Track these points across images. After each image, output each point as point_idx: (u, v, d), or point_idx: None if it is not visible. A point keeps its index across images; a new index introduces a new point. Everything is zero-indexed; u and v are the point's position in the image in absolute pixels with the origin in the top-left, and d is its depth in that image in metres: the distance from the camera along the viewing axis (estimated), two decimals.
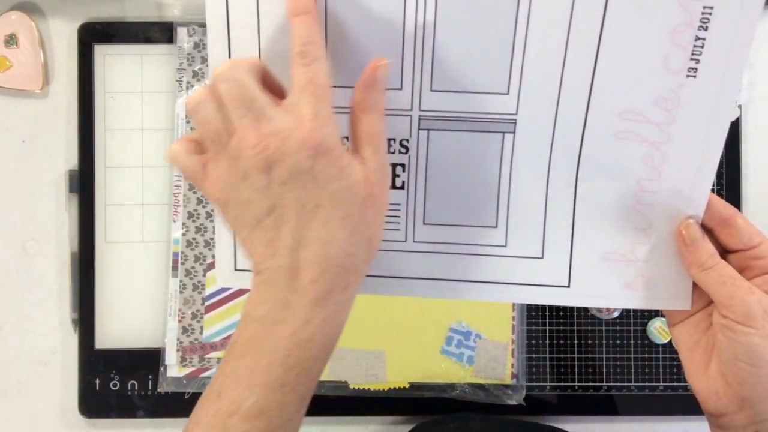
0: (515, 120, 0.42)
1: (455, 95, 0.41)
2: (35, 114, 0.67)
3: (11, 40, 0.65)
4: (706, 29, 0.39)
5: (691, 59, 0.39)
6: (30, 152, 0.67)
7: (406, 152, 0.43)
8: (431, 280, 0.44)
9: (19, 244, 0.67)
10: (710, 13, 0.38)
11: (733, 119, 0.66)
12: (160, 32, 0.66)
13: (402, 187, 0.44)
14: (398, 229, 0.44)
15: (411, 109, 0.42)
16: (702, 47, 0.39)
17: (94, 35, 0.66)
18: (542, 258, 0.44)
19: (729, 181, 0.66)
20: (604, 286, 0.44)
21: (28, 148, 0.67)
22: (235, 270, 0.46)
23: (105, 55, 0.66)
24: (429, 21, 0.39)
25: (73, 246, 0.66)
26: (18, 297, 0.67)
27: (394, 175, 0.43)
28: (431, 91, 0.42)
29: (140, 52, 0.66)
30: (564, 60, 0.40)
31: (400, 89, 0.42)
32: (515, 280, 0.44)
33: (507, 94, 0.41)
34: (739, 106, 0.66)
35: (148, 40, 0.66)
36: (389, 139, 0.42)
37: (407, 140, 0.43)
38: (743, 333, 0.41)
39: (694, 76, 0.40)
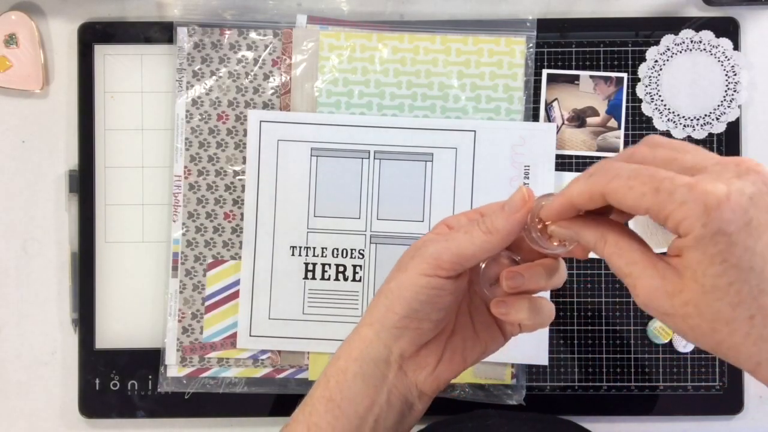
0: None
1: (392, 222, 0.65)
2: (35, 114, 0.67)
3: (11, 40, 0.65)
4: (528, 178, 0.64)
5: None
6: (30, 152, 0.67)
7: (362, 258, 0.64)
8: None
9: (19, 244, 0.67)
10: (529, 169, 0.64)
11: (733, 119, 0.66)
12: (160, 32, 0.66)
13: (359, 281, 0.65)
14: (357, 308, 0.65)
15: (365, 231, 0.64)
16: None
17: (94, 35, 0.66)
18: None
19: None
20: None
21: (28, 148, 0.67)
22: (251, 336, 0.64)
23: (105, 55, 0.66)
24: (376, 179, 0.65)
25: (73, 246, 0.66)
26: (18, 297, 0.67)
27: (354, 273, 0.64)
28: (377, 219, 0.64)
29: (140, 52, 0.66)
30: (453, 200, 0.64)
31: (359, 218, 0.64)
32: None
33: (422, 221, 0.65)
34: (739, 106, 0.66)
35: (148, 40, 0.66)
36: (351, 250, 0.64)
37: (363, 250, 0.65)
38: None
39: None
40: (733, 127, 0.66)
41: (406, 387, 0.46)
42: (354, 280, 0.65)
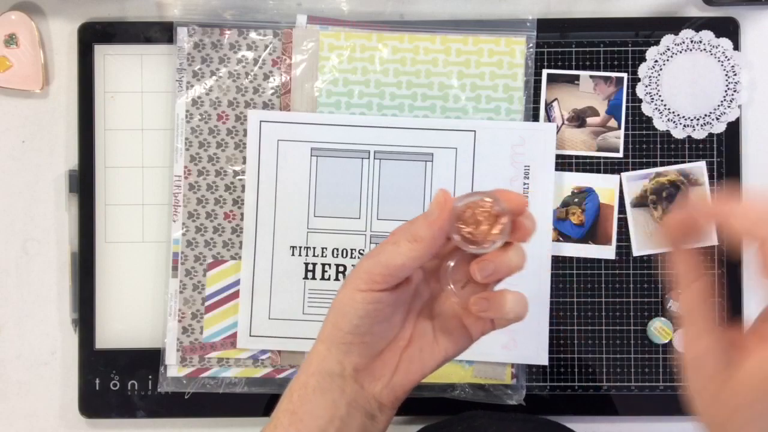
0: None
1: (392, 222, 0.65)
2: (35, 114, 0.67)
3: (11, 40, 0.65)
4: (528, 178, 0.65)
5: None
6: (30, 152, 0.67)
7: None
8: None
9: (19, 244, 0.67)
10: (529, 169, 0.64)
11: (733, 119, 0.66)
12: (160, 32, 0.66)
13: None
14: None
15: (365, 231, 0.65)
16: (528, 188, 0.65)
17: (94, 35, 0.66)
18: None
19: (729, 181, 0.66)
20: (488, 346, 0.62)
21: (28, 148, 0.67)
22: (251, 336, 0.64)
23: (105, 55, 0.66)
24: (376, 179, 0.65)
25: (73, 246, 0.66)
26: (18, 297, 0.67)
27: None
28: (377, 219, 0.65)
29: (140, 52, 0.66)
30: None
31: (359, 218, 0.64)
32: None
33: None
34: (739, 106, 0.66)
35: (148, 40, 0.66)
36: (351, 250, 0.65)
37: (363, 250, 0.65)
38: None
39: None
40: (733, 127, 0.66)
41: (364, 399, 0.46)
42: None
